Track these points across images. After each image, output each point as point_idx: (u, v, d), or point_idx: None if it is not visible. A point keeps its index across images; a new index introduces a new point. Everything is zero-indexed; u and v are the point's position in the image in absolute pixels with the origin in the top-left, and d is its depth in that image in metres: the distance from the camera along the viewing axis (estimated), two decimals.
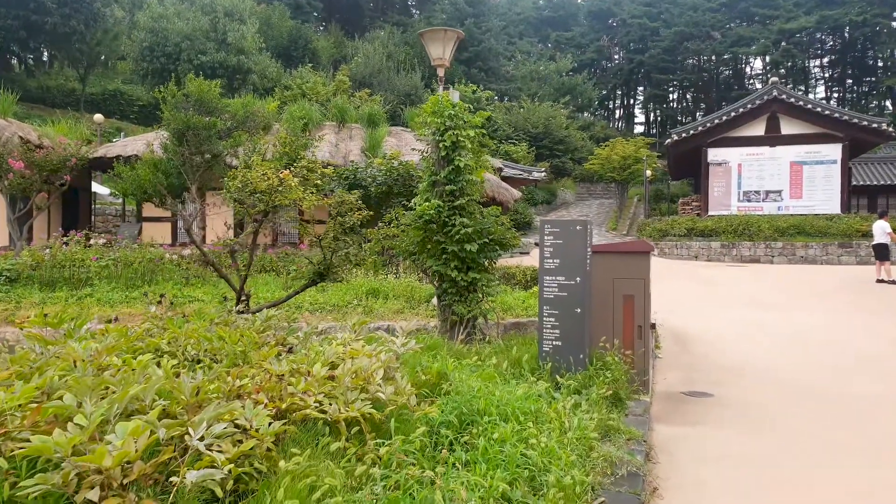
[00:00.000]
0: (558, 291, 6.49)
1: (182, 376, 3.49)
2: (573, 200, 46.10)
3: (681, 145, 29.55)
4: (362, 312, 10.27)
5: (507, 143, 42.09)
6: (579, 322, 6.45)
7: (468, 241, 7.55)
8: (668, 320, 11.93)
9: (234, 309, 6.20)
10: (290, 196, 6.11)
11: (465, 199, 7.70)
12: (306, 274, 6.87)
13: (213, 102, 13.62)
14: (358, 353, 4.89)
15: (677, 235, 26.97)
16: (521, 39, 73.32)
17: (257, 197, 6.09)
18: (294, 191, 6.11)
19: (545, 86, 56.05)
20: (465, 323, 7.67)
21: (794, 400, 7.43)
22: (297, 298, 10.57)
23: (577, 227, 6.43)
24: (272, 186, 5.94)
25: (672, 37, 62.58)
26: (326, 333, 7.49)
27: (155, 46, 30.65)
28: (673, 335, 11.28)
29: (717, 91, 66.21)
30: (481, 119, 8.06)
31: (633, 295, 7.03)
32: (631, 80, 72.04)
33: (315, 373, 4.18)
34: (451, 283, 7.71)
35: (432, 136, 7.87)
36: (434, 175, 7.88)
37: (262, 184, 5.92)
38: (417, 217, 7.69)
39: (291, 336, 6.05)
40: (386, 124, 23.78)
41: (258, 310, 6.72)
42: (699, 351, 10.11)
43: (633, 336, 7.05)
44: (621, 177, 37.83)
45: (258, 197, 6.08)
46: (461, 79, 48.12)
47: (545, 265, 6.53)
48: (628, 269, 7.05)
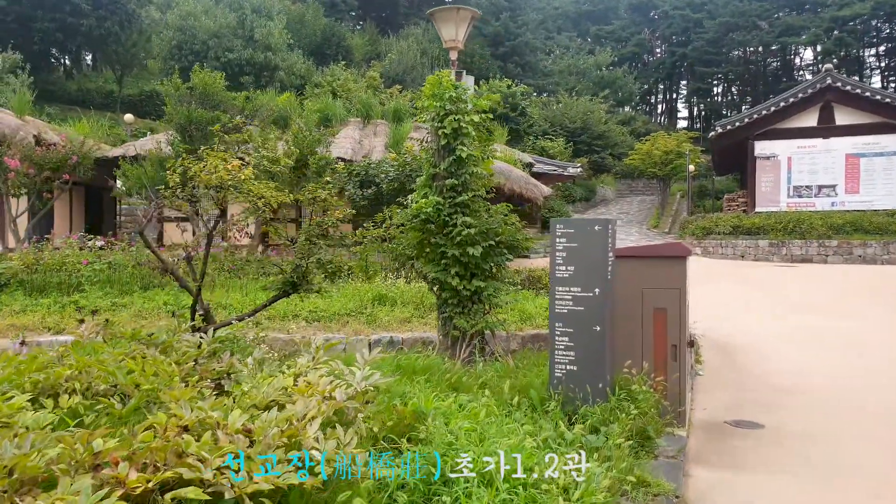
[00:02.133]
0: (573, 305, 5.38)
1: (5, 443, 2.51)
2: (613, 197, 44.50)
3: (725, 138, 27.90)
4: (364, 322, 9.29)
5: (543, 139, 40.78)
6: (598, 342, 5.32)
7: (471, 244, 6.48)
8: (711, 329, 10.67)
9: (188, 325, 5.26)
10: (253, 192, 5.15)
11: (468, 194, 6.64)
12: (277, 283, 5.93)
13: (217, 96, 12.83)
14: (304, 391, 3.88)
15: (722, 233, 25.37)
16: (560, 34, 71.71)
17: (204, 193, 5.16)
18: (248, 184, 5.15)
19: (584, 80, 54.48)
20: (468, 338, 6.61)
21: (869, 431, 6.18)
22: (292, 307, 9.64)
23: (596, 228, 5.31)
24: (223, 181, 4.99)
25: (716, 28, 60.26)
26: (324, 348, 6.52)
27: (183, 45, 30.29)
28: (716, 347, 10.02)
29: (764, 84, 63.57)
30: (488, 102, 6.98)
31: (665, 308, 5.87)
32: (673, 73, 69.77)
33: (230, 424, 3.18)
34: (451, 293, 6.65)
35: (431, 123, 6.83)
36: (433, 167, 6.83)
37: (208, 177, 4.97)
38: (413, 216, 6.65)
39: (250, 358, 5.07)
40: (411, 120, 22.83)
41: (222, 325, 5.78)
42: (747, 366, 8.85)
43: (667, 357, 5.89)
44: (663, 172, 36.16)
45: (205, 193, 5.16)
46: (496, 74, 46.88)
47: (557, 273, 5.43)
48: (660, 278, 5.89)
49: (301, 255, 5.61)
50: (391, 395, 5.17)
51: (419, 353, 6.45)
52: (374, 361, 4.15)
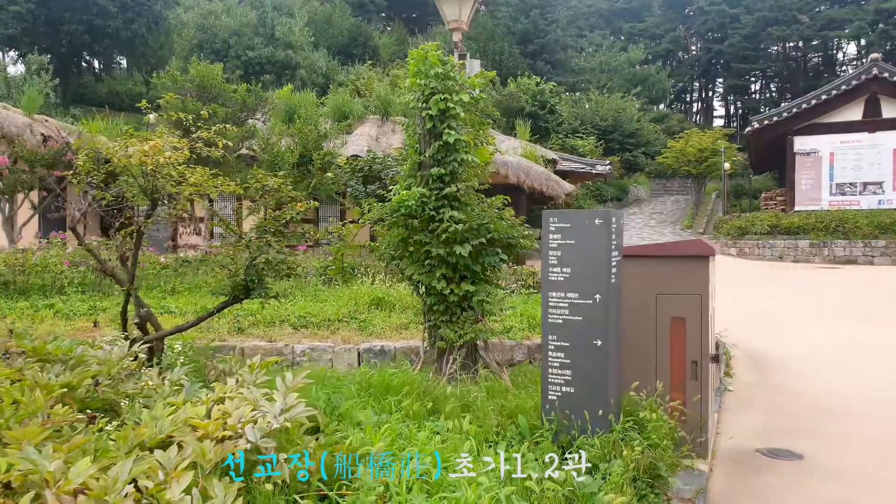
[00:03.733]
0: (569, 314, 4.48)
1: None
2: (646, 197, 43.11)
3: (763, 134, 26.49)
4: (356, 328, 8.47)
5: (573, 138, 39.62)
6: (600, 359, 4.41)
7: (459, 242, 5.62)
8: (744, 338, 9.63)
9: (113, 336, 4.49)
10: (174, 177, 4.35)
11: (457, 185, 5.78)
12: (225, 288, 5.14)
13: (215, 88, 12.16)
14: (206, 427, 3.08)
15: (759, 233, 24.02)
16: (592, 32, 70.32)
17: (128, 182, 4.40)
18: (168, 169, 4.36)
19: (616, 77, 53.10)
20: (455, 351, 5.74)
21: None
22: (281, 311, 8.88)
23: (597, 221, 4.40)
24: (144, 165, 4.21)
25: (754, 23, 58.32)
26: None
27: (204, 43, 29.95)
28: (749, 358, 8.99)
29: (804, 79, 61.24)
30: (483, 80, 6.10)
31: (683, 317, 4.93)
32: (709, 70, 67.86)
33: (64, 483, 2.38)
34: (437, 298, 5.79)
35: (415, 104, 5.98)
36: (418, 155, 5.99)
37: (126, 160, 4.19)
38: (393, 210, 5.81)
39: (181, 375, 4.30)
40: None
41: (161, 335, 5.00)
42: (784, 382, 7.82)
43: (685, 376, 4.96)
44: (697, 171, 34.77)
45: (131, 183, 4.40)
46: (525, 72, 45.81)
47: (550, 276, 4.53)
48: (678, 281, 4.96)
49: (253, 255, 4.83)
50: (348, 421, 4.34)
51: (396, 368, 5.61)
52: (296, 388, 3.30)
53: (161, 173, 4.34)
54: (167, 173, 4.39)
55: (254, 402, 3.14)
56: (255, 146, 13.37)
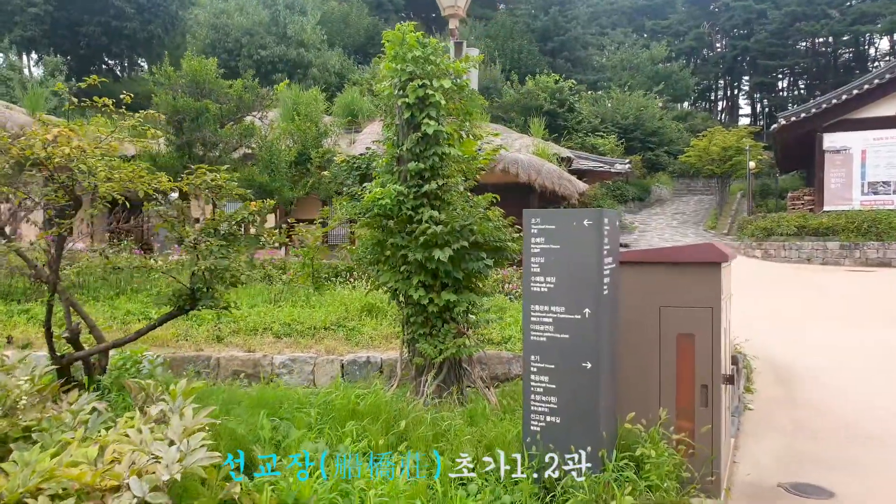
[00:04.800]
0: (554, 331, 3.83)
1: None
2: (669, 197, 42.06)
3: (791, 131, 25.42)
4: (343, 337, 7.87)
5: (593, 136, 38.76)
6: (590, 385, 3.75)
7: (439, 246, 4.98)
8: (767, 348, 8.88)
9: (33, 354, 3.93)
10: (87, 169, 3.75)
11: (438, 181, 5.14)
12: (167, 297, 4.57)
13: (208, 84, 11.66)
14: (81, 477, 2.48)
15: (785, 234, 23.02)
16: (614, 30, 69.20)
17: (30, 176, 3.84)
18: (82, 161, 3.76)
19: (637, 75, 52.05)
20: (435, 368, 5.11)
21: None
22: (265, 318, 8.32)
23: (586, 222, 3.74)
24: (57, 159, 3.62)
25: (781, 18, 56.82)
26: None
27: (216, 43, 29.64)
28: (773, 371, 8.23)
29: (834, 76, 59.54)
30: (469, 64, 5.46)
31: (692, 334, 4.25)
32: (734, 68, 66.38)
33: None
34: (414, 308, 5.16)
35: (390, 91, 5.35)
36: (395, 148, 5.36)
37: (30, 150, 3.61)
38: (365, 209, 5.20)
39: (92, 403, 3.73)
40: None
41: (91, 352, 4.43)
42: (812, 399, 7.06)
43: (694, 402, 4.27)
44: (721, 170, 33.71)
45: (29, 174, 3.84)
46: (545, 70, 45.00)
47: (532, 286, 3.89)
48: (685, 291, 4.27)
49: (193, 261, 4.25)
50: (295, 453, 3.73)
51: (366, 388, 4.99)
52: (199, 426, 2.69)
53: (78, 166, 3.77)
54: (83, 166, 3.80)
55: (141, 448, 2.53)
56: (254, 144, 12.84)
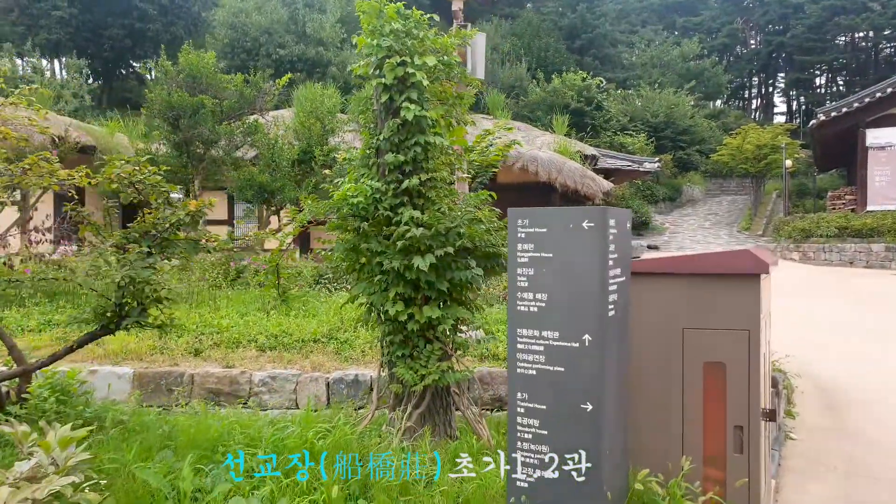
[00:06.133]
0: (545, 363, 3.02)
1: None
2: (701, 197, 40.77)
3: (830, 127, 24.11)
4: (333, 351, 7.13)
5: (622, 135, 37.68)
6: (591, 431, 2.94)
7: (420, 252, 4.20)
8: (810, 365, 7.93)
9: None
10: None
11: (420, 176, 4.35)
12: (92, 314, 3.87)
13: (206, 78, 11.04)
14: None
15: (825, 236, 21.75)
16: (644, 27, 67.76)
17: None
18: None
19: (668, 72, 50.70)
20: (415, 397, 4.32)
21: None
22: (252, 329, 7.61)
23: (586, 224, 2.92)
24: None
25: (819, 13, 54.94)
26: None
27: (235, 43, 29.27)
28: (818, 391, 7.28)
29: (875, 71, 57.38)
30: (457, 39, 4.67)
31: (723, 363, 3.41)
32: (769, 64, 64.51)
33: None
34: (392, 326, 4.38)
35: (365, 71, 4.58)
36: (373, 137, 4.59)
37: None
38: (334, 208, 4.43)
39: None
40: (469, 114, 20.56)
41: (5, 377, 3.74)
42: (866, 428, 6.11)
43: (726, 448, 3.42)
44: (755, 169, 32.37)
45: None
46: (572, 68, 43.95)
47: (518, 306, 3.08)
48: (715, 310, 3.43)
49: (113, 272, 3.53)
50: None
51: (329, 420, 4.22)
52: None
53: None
54: None
55: None
56: (258, 143, 12.21)
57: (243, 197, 11.31)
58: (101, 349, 6.99)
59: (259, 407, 6.47)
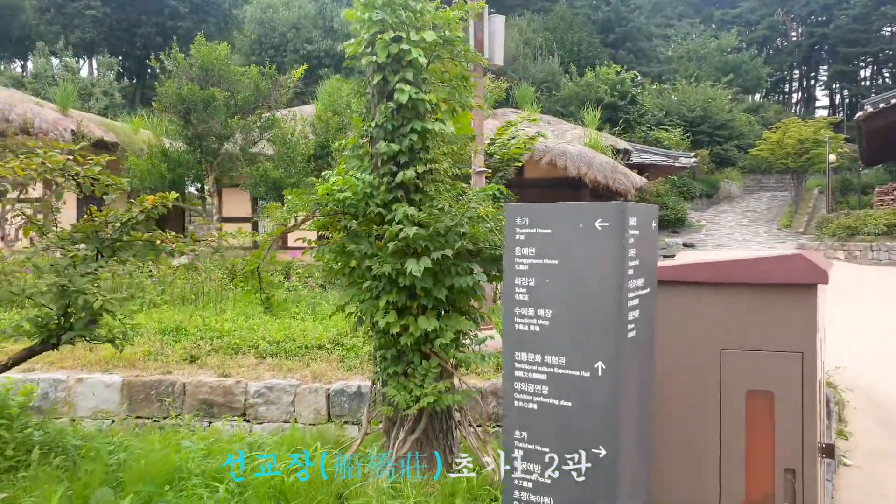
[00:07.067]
0: (549, 395, 2.45)
1: None
2: (739, 194, 39.53)
3: (878, 119, 22.93)
4: (337, 358, 6.63)
5: (657, 130, 36.67)
6: (605, 481, 2.36)
7: (416, 254, 3.66)
8: (863, 377, 7.19)
9: None
10: None
11: (417, 168, 3.81)
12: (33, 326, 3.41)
13: (218, 71, 10.64)
14: None
15: (872, 234, 20.67)
16: (681, 21, 66.26)
17: None
18: None
19: (704, 65, 49.34)
20: (409, 421, 3.78)
21: None
22: (253, 335, 7.16)
23: (598, 224, 2.34)
24: None
25: (864, 3, 52.99)
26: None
27: (263, 38, 29.09)
28: (873, 408, 6.56)
29: None
30: (459, 12, 4.10)
31: (770, 392, 2.80)
32: (811, 57, 62.47)
33: None
34: (384, 339, 3.85)
35: (355, 50, 4.04)
36: (365, 123, 4.06)
37: None
38: (319, 204, 3.91)
39: None
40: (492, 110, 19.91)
41: None
42: None
43: (773, 494, 2.82)
44: (796, 164, 31.13)
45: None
46: (605, 62, 42.96)
47: (516, 323, 2.52)
48: (761, 328, 2.82)
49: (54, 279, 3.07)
50: None
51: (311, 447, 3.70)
52: None
53: None
54: None
55: None
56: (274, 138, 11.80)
57: (257, 193, 10.94)
58: (94, 355, 6.60)
59: (255, 420, 6.02)
